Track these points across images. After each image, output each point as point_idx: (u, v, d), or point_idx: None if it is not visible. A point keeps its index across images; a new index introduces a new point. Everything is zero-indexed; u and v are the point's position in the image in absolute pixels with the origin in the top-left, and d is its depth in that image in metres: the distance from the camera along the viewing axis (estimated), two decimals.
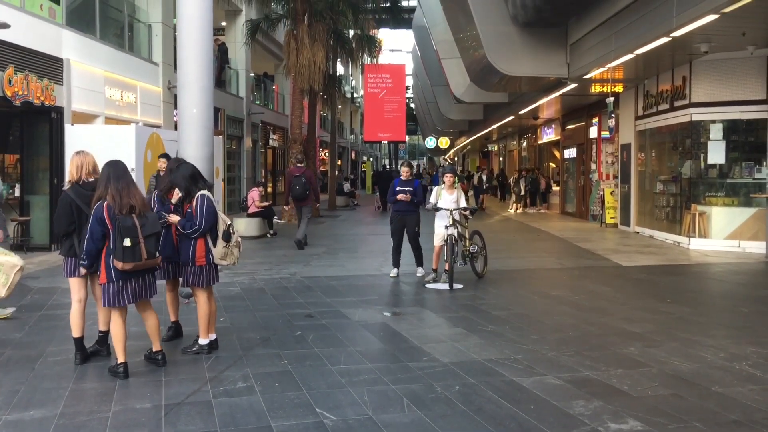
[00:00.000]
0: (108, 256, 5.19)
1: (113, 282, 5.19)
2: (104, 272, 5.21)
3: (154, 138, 13.55)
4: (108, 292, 5.22)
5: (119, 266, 5.12)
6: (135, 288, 5.29)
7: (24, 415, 4.46)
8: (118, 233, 5.09)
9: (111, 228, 5.14)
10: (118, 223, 5.11)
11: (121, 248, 5.08)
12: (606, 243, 14.97)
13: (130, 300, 5.29)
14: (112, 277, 5.18)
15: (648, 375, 5.37)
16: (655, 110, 15.75)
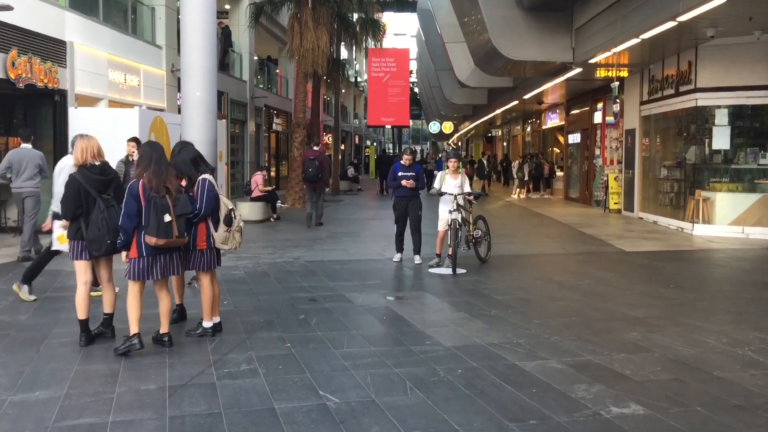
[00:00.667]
0: (139, 233, 5.33)
1: (143, 257, 5.36)
2: (135, 247, 5.36)
3: (157, 122, 13.53)
4: (137, 267, 5.37)
5: (152, 242, 5.27)
6: (163, 264, 5.47)
7: (29, 396, 4.49)
8: (154, 210, 5.25)
9: (144, 205, 5.29)
10: (154, 201, 5.27)
11: (156, 224, 5.24)
12: (609, 228, 14.96)
13: (158, 276, 5.47)
14: (143, 252, 5.35)
15: (650, 360, 5.38)
16: (660, 95, 15.68)
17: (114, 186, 5.65)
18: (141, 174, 5.39)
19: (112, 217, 5.47)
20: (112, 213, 5.50)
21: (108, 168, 5.67)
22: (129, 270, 5.45)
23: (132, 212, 5.31)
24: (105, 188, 5.57)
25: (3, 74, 11.35)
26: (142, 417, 4.15)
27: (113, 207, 5.53)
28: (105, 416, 4.14)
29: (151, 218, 5.27)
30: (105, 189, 5.57)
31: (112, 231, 5.45)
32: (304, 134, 21.11)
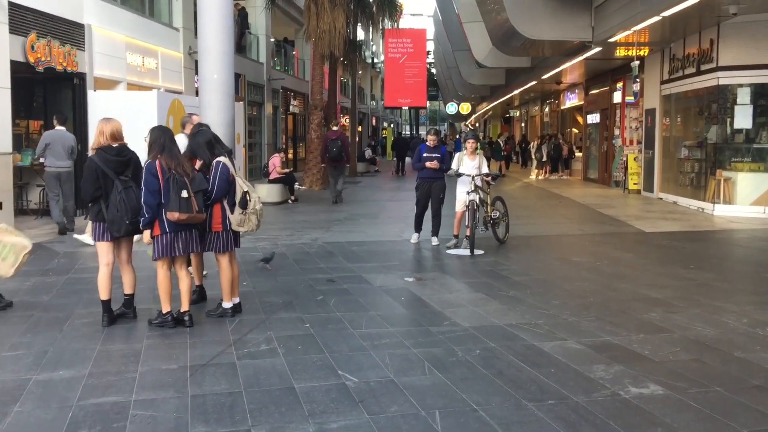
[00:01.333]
0: (160, 210, 5.45)
1: (166, 233, 5.49)
2: (157, 225, 5.47)
3: (175, 104, 13.57)
4: (161, 243, 5.49)
5: (175, 217, 5.38)
6: (185, 240, 5.59)
7: (53, 375, 4.57)
8: (174, 186, 5.36)
9: (163, 183, 5.39)
10: (173, 178, 5.39)
11: (177, 199, 5.35)
12: (629, 209, 14.85)
13: (180, 251, 5.59)
14: (166, 228, 5.47)
15: (669, 340, 5.36)
16: (681, 74, 15.47)
17: (132, 167, 5.69)
18: (155, 157, 5.48)
19: (130, 198, 5.52)
20: (129, 194, 5.54)
21: (125, 150, 5.70)
22: (154, 249, 5.53)
23: (154, 188, 5.41)
24: (123, 169, 5.62)
25: (23, 58, 11.43)
26: (164, 396, 4.21)
27: (131, 188, 5.57)
28: (128, 395, 4.21)
29: (171, 195, 5.37)
30: (123, 170, 5.61)
31: (131, 212, 5.51)
32: (321, 116, 21.10)
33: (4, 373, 4.61)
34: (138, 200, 5.50)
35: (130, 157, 5.72)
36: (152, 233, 5.52)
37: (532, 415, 3.91)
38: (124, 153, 5.68)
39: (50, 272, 7.95)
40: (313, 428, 3.74)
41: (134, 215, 5.52)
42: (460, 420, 3.86)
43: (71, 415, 3.91)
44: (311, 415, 3.91)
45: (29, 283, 7.37)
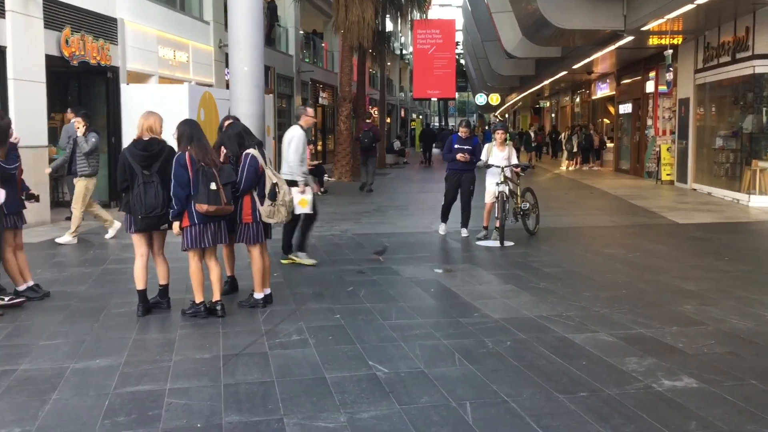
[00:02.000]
0: (189, 202, 5.51)
1: (195, 225, 5.55)
2: (186, 217, 5.54)
3: (206, 97, 13.71)
4: (190, 235, 5.57)
5: (203, 209, 5.45)
6: (213, 231, 5.65)
7: (90, 364, 4.67)
8: (203, 179, 5.42)
9: (192, 175, 5.45)
10: (202, 170, 5.44)
11: (206, 192, 5.41)
12: (661, 200, 14.65)
13: (209, 242, 5.66)
14: (194, 220, 5.54)
15: (704, 333, 5.29)
16: (716, 63, 15.18)
17: (161, 161, 5.67)
18: (185, 150, 5.53)
19: (147, 193, 5.55)
20: (148, 189, 5.56)
21: (153, 143, 5.69)
22: (184, 240, 5.61)
23: (183, 180, 5.46)
24: (149, 163, 5.62)
25: (57, 52, 11.63)
26: (198, 384, 4.28)
27: (150, 183, 5.58)
28: (163, 383, 4.28)
29: (200, 187, 5.43)
30: (149, 164, 5.62)
31: (145, 207, 5.55)
32: (350, 108, 21.13)
33: (43, 361, 4.72)
34: (156, 196, 5.55)
35: (158, 151, 5.70)
36: (181, 224, 5.59)
37: (564, 407, 3.90)
38: (151, 147, 5.67)
39: (86, 263, 8.10)
40: (344, 418, 3.77)
41: (149, 210, 5.56)
42: (491, 411, 3.86)
43: (108, 402, 3.99)
44: (342, 405, 3.94)
45: (66, 273, 7.53)
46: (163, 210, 5.60)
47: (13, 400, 4.04)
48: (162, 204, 5.58)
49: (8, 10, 10.38)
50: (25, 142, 10.00)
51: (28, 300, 6.22)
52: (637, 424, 3.68)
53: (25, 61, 10.73)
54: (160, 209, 5.59)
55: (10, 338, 5.24)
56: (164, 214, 5.62)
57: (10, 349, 4.96)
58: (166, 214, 5.61)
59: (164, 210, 5.60)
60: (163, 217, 5.64)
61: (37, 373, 4.49)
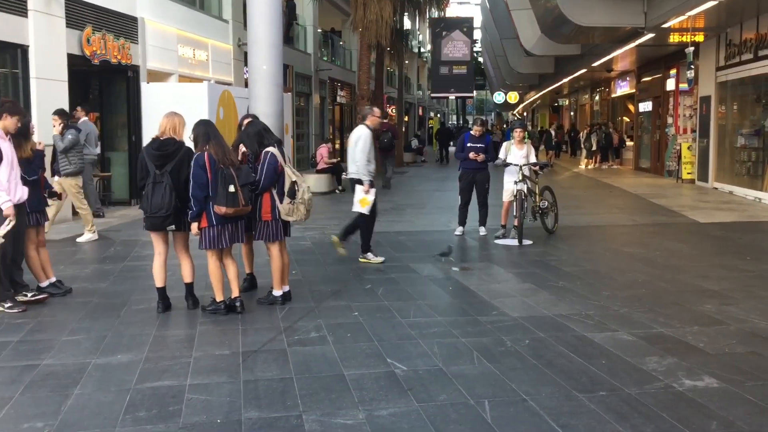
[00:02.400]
0: (207, 203, 5.55)
1: (213, 226, 5.60)
2: (205, 217, 5.58)
3: (225, 95, 13.79)
4: (208, 236, 5.61)
5: (222, 211, 5.49)
6: (231, 232, 5.70)
7: (111, 359, 4.72)
8: (222, 181, 5.46)
9: (211, 177, 5.49)
10: (221, 172, 5.47)
11: (224, 194, 5.45)
12: (682, 199, 14.52)
13: (227, 243, 5.71)
14: (213, 221, 5.58)
15: (725, 332, 5.24)
16: (738, 60, 15.01)
17: (176, 161, 5.62)
18: (202, 149, 5.56)
19: (155, 192, 5.55)
20: (156, 189, 5.55)
21: (168, 143, 5.65)
22: (202, 240, 5.65)
23: (201, 181, 5.49)
24: (162, 163, 5.59)
25: (79, 51, 11.75)
26: (217, 380, 4.31)
27: (159, 184, 5.55)
28: (183, 379, 4.32)
29: (218, 189, 5.47)
30: (162, 164, 5.59)
31: (152, 207, 5.56)
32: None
33: (65, 356, 4.78)
34: (163, 197, 5.53)
35: (172, 151, 5.64)
36: (200, 225, 5.61)
37: (583, 406, 3.88)
38: (165, 147, 5.63)
39: (107, 260, 8.18)
40: (363, 415, 3.78)
41: (154, 211, 5.55)
42: (510, 410, 3.85)
43: (129, 397, 4.03)
44: (361, 402, 3.95)
45: (87, 270, 7.61)
46: (169, 211, 5.56)
47: (36, 395, 4.10)
48: (168, 205, 5.54)
49: (31, 9, 10.51)
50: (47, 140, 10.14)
51: (51, 296, 6.31)
52: (657, 423, 3.66)
53: (47, 60, 10.85)
54: (165, 210, 5.56)
55: (33, 333, 5.31)
56: (169, 216, 5.60)
57: (33, 345, 5.03)
58: (172, 215, 5.61)
59: (169, 211, 5.57)
60: (168, 218, 5.62)
61: (59, 368, 4.55)
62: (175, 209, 5.60)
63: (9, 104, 5.97)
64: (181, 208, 5.65)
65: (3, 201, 5.67)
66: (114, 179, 13.50)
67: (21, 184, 5.92)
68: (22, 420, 3.75)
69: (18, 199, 5.83)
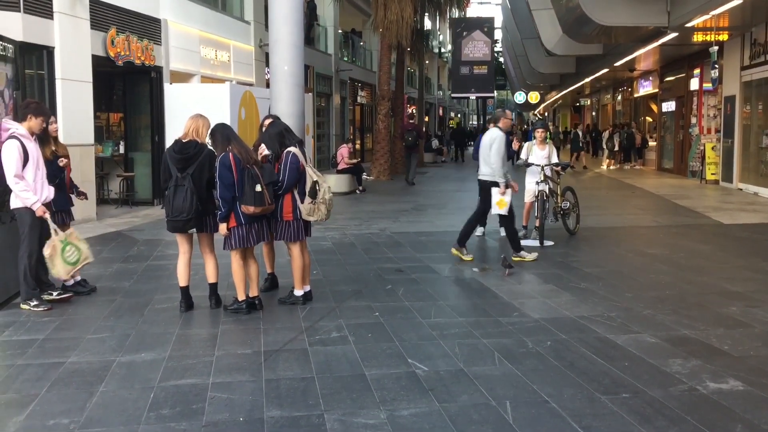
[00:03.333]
0: (234, 203, 5.58)
1: (242, 225, 5.64)
2: (232, 217, 5.62)
3: (247, 96, 13.87)
4: (237, 235, 5.65)
5: (250, 210, 5.54)
6: (257, 230, 5.76)
7: (136, 357, 4.77)
8: (249, 180, 5.51)
9: (236, 177, 5.51)
10: (247, 172, 5.52)
11: (251, 193, 5.50)
12: (706, 200, 14.35)
13: (254, 241, 5.76)
14: (241, 220, 5.62)
15: (750, 335, 5.18)
16: (763, 60, 14.81)
17: (197, 164, 5.61)
18: (224, 150, 5.57)
19: (176, 195, 5.56)
20: (178, 192, 5.56)
21: (189, 146, 5.63)
22: (231, 240, 5.66)
23: (229, 182, 5.51)
24: (183, 166, 5.59)
25: (103, 52, 11.89)
26: (240, 379, 4.34)
27: (181, 187, 5.55)
28: (206, 378, 4.36)
29: (245, 189, 5.51)
30: (183, 167, 5.59)
31: (173, 210, 5.58)
32: (388, 106, 21.14)
33: (90, 354, 4.84)
34: (184, 201, 5.53)
35: (193, 154, 5.62)
36: (228, 225, 5.65)
37: (606, 408, 3.85)
38: (186, 150, 5.62)
39: (131, 259, 8.27)
40: (384, 415, 3.79)
41: (176, 214, 5.57)
42: (532, 411, 3.84)
43: (153, 395, 4.08)
44: (382, 402, 3.96)
45: (111, 269, 7.70)
46: (190, 215, 5.57)
47: (62, 392, 4.15)
48: (189, 209, 5.55)
49: (56, 11, 10.65)
50: (72, 140, 10.27)
51: (76, 295, 6.39)
52: (681, 426, 3.63)
53: (72, 61, 10.99)
54: (187, 214, 5.56)
55: (59, 331, 5.38)
56: (190, 219, 5.61)
57: (59, 342, 5.10)
58: (194, 219, 5.63)
59: (191, 215, 5.58)
60: (190, 221, 5.63)
61: (84, 365, 4.61)
62: (197, 212, 5.61)
63: (34, 105, 6.06)
64: (202, 211, 5.67)
65: (32, 202, 5.76)
66: (137, 179, 13.64)
67: (47, 184, 6.00)
68: (48, 417, 3.80)
69: (44, 198, 5.93)
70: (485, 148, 8.02)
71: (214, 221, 5.79)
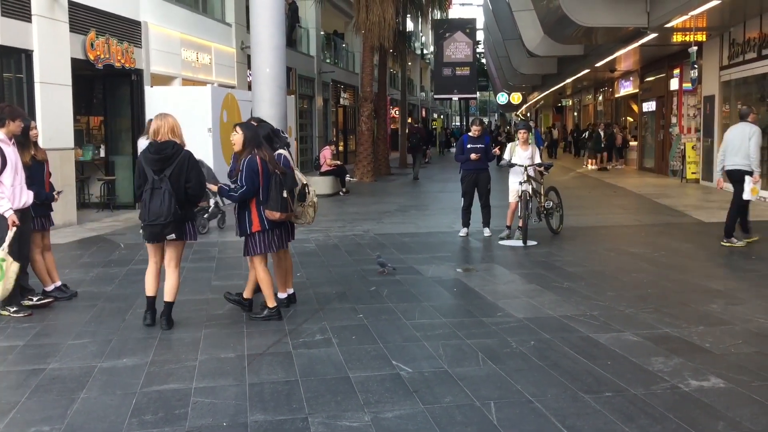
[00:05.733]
0: (258, 207, 5.52)
1: (266, 230, 5.56)
2: (257, 222, 5.53)
3: (228, 98, 13.82)
4: (261, 240, 5.57)
5: (275, 216, 5.50)
6: (280, 236, 5.72)
7: (117, 363, 4.72)
8: (276, 186, 5.47)
9: (263, 181, 5.47)
10: (275, 178, 5.48)
11: (278, 199, 5.47)
12: (687, 199, 14.48)
13: (276, 247, 5.71)
14: (265, 226, 5.55)
15: (731, 332, 5.23)
16: (742, 59, 14.97)
17: (176, 165, 5.29)
18: (251, 153, 5.49)
19: (153, 199, 5.24)
20: (154, 196, 5.24)
21: (166, 146, 5.30)
22: (255, 245, 5.56)
23: (255, 186, 5.44)
24: (160, 167, 5.27)
25: (83, 55, 11.78)
26: (223, 383, 4.31)
27: (158, 190, 5.23)
28: (189, 382, 4.32)
29: (272, 194, 5.47)
30: (160, 168, 5.27)
31: (150, 214, 5.25)
32: (371, 108, 21.14)
33: (71, 360, 4.79)
34: (161, 204, 5.20)
35: (171, 154, 5.29)
36: (251, 229, 5.54)
37: (589, 407, 3.87)
38: (163, 149, 5.29)
39: (112, 263, 8.20)
40: (368, 417, 3.78)
41: (153, 218, 5.23)
42: (516, 411, 3.84)
43: (135, 401, 4.04)
44: (366, 404, 3.95)
45: (93, 273, 7.63)
46: (168, 219, 5.22)
47: (42, 399, 4.10)
48: (167, 212, 5.20)
49: (34, 14, 10.53)
50: (52, 144, 10.16)
51: (56, 300, 6.32)
52: (663, 424, 3.65)
53: (51, 64, 10.88)
54: (165, 218, 5.21)
55: (39, 338, 5.32)
56: (169, 223, 5.25)
57: (39, 349, 5.04)
58: (172, 223, 5.27)
59: (169, 219, 5.22)
60: (168, 226, 5.26)
61: (65, 372, 4.56)
62: (175, 217, 5.26)
63: (8, 109, 5.93)
64: (182, 216, 5.35)
65: (5, 209, 5.66)
66: (118, 183, 13.53)
67: (26, 189, 5.93)
68: (28, 424, 3.75)
69: (23, 203, 5.85)
70: (738, 141, 8.69)
71: (194, 228, 5.59)
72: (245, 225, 5.58)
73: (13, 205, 5.71)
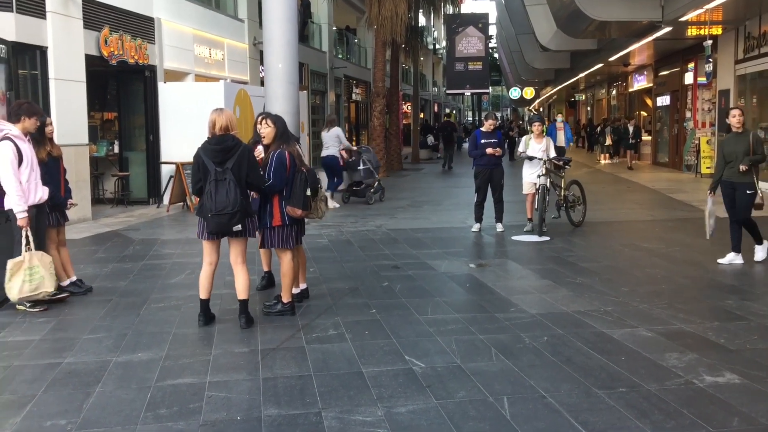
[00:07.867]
0: (281, 202, 5.56)
1: (287, 226, 5.62)
2: (278, 216, 5.58)
3: (241, 94, 13.84)
4: (282, 235, 5.63)
5: (297, 213, 5.56)
6: (297, 231, 5.77)
7: (132, 357, 4.76)
8: (301, 183, 5.52)
9: (289, 177, 5.51)
10: (300, 175, 5.52)
11: (302, 196, 5.53)
12: (701, 194, 14.32)
13: (294, 243, 5.73)
14: (286, 221, 5.60)
15: (746, 328, 5.19)
16: (758, 53, 14.82)
17: (236, 158, 5.21)
18: (279, 147, 5.54)
19: (218, 190, 5.13)
20: (219, 186, 5.14)
21: (225, 138, 5.22)
22: (274, 238, 5.63)
23: (283, 178, 5.49)
24: (222, 159, 5.18)
25: (96, 52, 11.85)
26: (237, 378, 4.33)
27: (222, 181, 5.14)
28: (203, 377, 4.35)
29: (297, 191, 5.52)
30: (222, 160, 5.18)
31: (217, 206, 5.12)
32: (383, 103, 21.12)
33: (87, 354, 4.83)
34: (228, 195, 5.11)
35: (233, 146, 5.22)
36: (272, 223, 5.59)
37: (603, 403, 3.86)
38: (225, 141, 5.21)
39: (126, 259, 8.25)
40: (381, 411, 3.79)
41: (220, 208, 5.11)
42: (529, 406, 3.84)
43: (150, 395, 4.07)
44: (379, 399, 3.96)
45: (107, 269, 7.68)
46: (236, 208, 5.12)
47: (59, 393, 4.14)
48: (234, 202, 5.11)
49: (49, 11, 10.60)
50: (66, 140, 10.24)
51: (72, 295, 6.38)
52: (677, 420, 3.63)
53: (65, 61, 10.95)
54: (232, 207, 5.11)
55: (55, 332, 5.37)
56: (236, 212, 5.15)
57: (55, 343, 5.09)
58: (238, 213, 5.16)
59: (236, 208, 5.13)
60: (236, 216, 5.15)
61: (81, 366, 4.60)
62: (242, 206, 5.18)
63: (26, 105, 6.03)
64: (248, 207, 5.29)
65: (19, 211, 5.69)
66: (132, 178, 13.59)
67: (41, 185, 5.98)
68: (45, 418, 3.79)
69: (38, 199, 5.90)
70: None
71: (253, 225, 5.47)
72: (265, 218, 5.61)
73: (29, 200, 5.77)
